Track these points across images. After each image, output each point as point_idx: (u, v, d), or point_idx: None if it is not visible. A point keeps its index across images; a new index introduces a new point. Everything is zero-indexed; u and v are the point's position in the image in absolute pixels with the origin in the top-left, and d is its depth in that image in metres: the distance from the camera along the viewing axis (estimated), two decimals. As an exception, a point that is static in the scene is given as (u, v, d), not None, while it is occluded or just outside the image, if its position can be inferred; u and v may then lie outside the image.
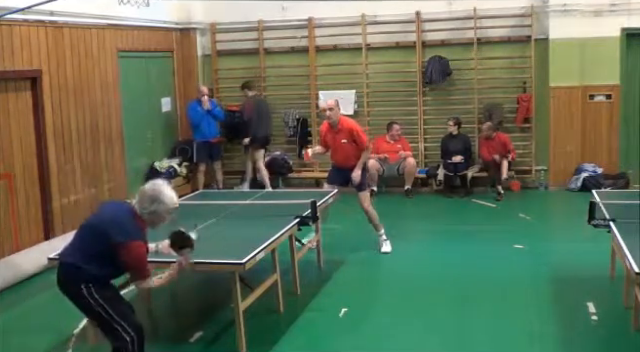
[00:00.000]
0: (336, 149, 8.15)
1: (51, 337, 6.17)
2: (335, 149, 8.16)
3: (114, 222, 4.50)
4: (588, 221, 6.27)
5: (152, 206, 4.54)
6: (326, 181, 8.44)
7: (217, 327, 6.14)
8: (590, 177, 11.03)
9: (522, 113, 11.42)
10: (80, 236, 4.64)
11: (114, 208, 4.76)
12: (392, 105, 12.05)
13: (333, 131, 8.10)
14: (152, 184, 4.66)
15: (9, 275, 7.57)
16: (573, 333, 5.84)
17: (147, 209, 4.54)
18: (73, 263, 4.52)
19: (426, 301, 6.70)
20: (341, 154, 8.12)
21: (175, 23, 12.00)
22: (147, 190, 4.59)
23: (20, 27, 8.22)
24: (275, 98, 12.46)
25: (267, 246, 5.84)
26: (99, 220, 4.62)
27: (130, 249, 4.44)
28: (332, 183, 8.26)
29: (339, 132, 8.06)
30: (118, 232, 4.44)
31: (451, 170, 11.29)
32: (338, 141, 8.08)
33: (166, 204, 4.58)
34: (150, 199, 4.55)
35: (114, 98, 10.12)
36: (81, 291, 4.51)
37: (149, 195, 4.56)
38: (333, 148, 8.18)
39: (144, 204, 4.55)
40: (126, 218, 4.54)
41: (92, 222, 4.65)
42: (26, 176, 8.38)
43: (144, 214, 4.56)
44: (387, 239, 8.33)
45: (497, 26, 11.45)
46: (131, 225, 4.52)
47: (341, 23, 11.92)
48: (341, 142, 8.05)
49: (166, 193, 4.60)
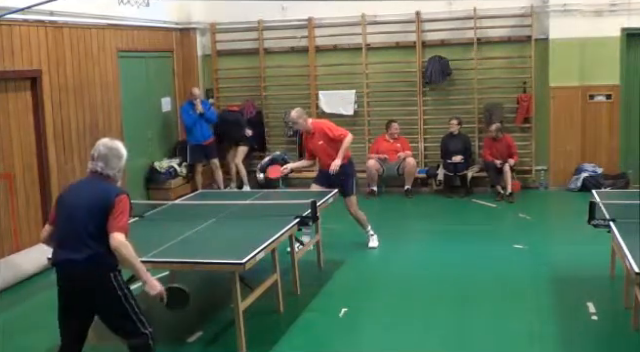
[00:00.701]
0: (318, 153, 8.25)
1: (51, 337, 6.14)
2: (318, 153, 8.26)
3: (100, 191, 4.44)
4: (588, 221, 6.27)
5: (120, 162, 4.56)
6: (313, 181, 8.47)
7: (217, 327, 6.14)
8: (590, 177, 11.03)
9: (522, 113, 11.42)
10: (78, 227, 4.39)
11: (86, 183, 4.63)
12: (392, 105, 12.05)
13: (310, 137, 8.24)
14: (107, 144, 4.57)
15: (9, 275, 7.57)
16: (573, 333, 5.84)
17: (117, 167, 4.54)
18: (92, 254, 4.34)
19: (426, 301, 6.70)
20: (323, 155, 8.19)
21: (175, 23, 12.01)
22: (109, 149, 4.52)
23: (20, 27, 8.23)
24: (275, 98, 12.48)
25: (267, 246, 5.84)
26: (85, 198, 4.44)
27: (121, 202, 4.39)
28: (319, 184, 8.28)
29: (314, 135, 8.17)
30: (109, 193, 4.41)
31: (451, 170, 11.29)
32: (317, 144, 8.18)
33: (124, 157, 4.60)
34: (118, 157, 4.55)
35: (114, 98, 10.13)
36: (110, 281, 4.38)
37: (115, 154, 4.54)
38: (316, 152, 8.28)
39: (114, 164, 4.52)
40: (104, 183, 4.50)
41: (79, 204, 4.44)
42: (26, 176, 8.38)
43: (116, 174, 4.55)
44: (374, 234, 8.44)
45: (497, 26, 11.45)
46: (112, 185, 4.52)
47: (341, 23, 11.92)
48: (319, 144, 8.15)
49: (120, 145, 4.60)
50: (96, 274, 4.38)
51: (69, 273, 4.43)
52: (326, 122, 8.43)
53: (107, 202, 4.38)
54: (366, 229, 8.42)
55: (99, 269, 4.37)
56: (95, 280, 4.39)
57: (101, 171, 4.51)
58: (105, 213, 4.36)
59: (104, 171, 4.51)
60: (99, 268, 4.37)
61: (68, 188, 4.75)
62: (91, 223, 4.37)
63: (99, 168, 4.51)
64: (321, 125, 8.26)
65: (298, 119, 8.20)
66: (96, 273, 4.38)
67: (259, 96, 12.41)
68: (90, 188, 4.52)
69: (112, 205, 4.37)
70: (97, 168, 4.52)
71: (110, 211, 4.36)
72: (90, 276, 4.38)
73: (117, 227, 4.34)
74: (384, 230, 8.73)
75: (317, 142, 8.17)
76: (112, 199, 4.38)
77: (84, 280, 4.39)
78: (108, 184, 4.51)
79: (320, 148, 8.18)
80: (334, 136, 8.08)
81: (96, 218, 4.37)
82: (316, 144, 8.18)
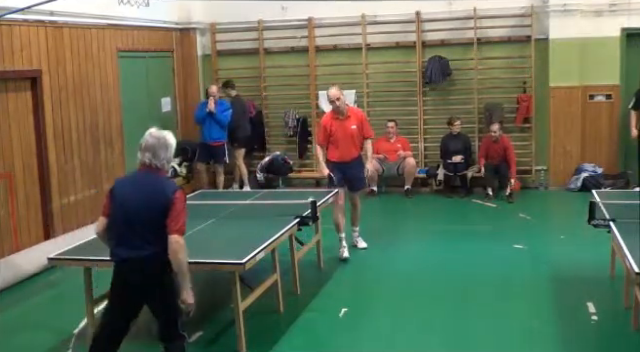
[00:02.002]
0: (344, 139, 7.85)
1: (51, 337, 6.18)
2: (342, 139, 7.85)
3: (156, 187, 4.41)
4: (588, 221, 6.28)
5: (167, 153, 4.49)
6: (334, 184, 7.92)
7: (217, 327, 6.14)
8: (590, 177, 11.03)
9: (522, 113, 11.42)
10: (135, 224, 4.38)
11: (141, 178, 4.54)
12: (392, 105, 12.05)
13: (339, 120, 7.86)
14: (155, 133, 4.54)
15: (9, 275, 7.57)
16: (573, 333, 5.84)
17: (165, 158, 4.49)
18: (151, 253, 4.36)
19: (426, 301, 6.70)
20: (347, 144, 7.87)
21: (175, 23, 12.01)
22: (157, 139, 4.47)
23: (20, 27, 8.22)
24: (275, 98, 12.48)
25: (267, 246, 5.84)
26: (142, 196, 4.41)
27: (179, 199, 4.39)
28: (342, 185, 7.97)
29: (347, 119, 7.86)
30: (165, 190, 4.39)
31: (451, 170, 11.29)
32: (348, 128, 7.84)
33: (173, 146, 4.54)
34: (165, 146, 4.48)
35: (114, 98, 10.12)
36: (167, 279, 4.42)
37: (162, 143, 4.47)
38: (339, 138, 7.86)
39: (162, 154, 4.46)
40: (160, 179, 4.48)
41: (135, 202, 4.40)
42: (26, 176, 8.38)
43: (165, 165, 4.49)
44: (359, 236, 8.39)
45: (497, 26, 11.45)
46: (166, 180, 4.51)
47: (341, 23, 11.92)
48: (351, 129, 7.85)
49: (169, 135, 4.55)
50: (154, 272, 4.41)
51: (128, 270, 4.45)
52: (362, 111, 8.33)
53: (165, 200, 4.36)
54: (356, 227, 8.35)
55: (157, 267, 4.40)
56: (152, 277, 4.42)
57: (149, 163, 4.46)
58: (164, 211, 4.34)
59: (152, 162, 4.45)
60: (157, 266, 4.40)
61: (121, 182, 4.68)
62: (150, 221, 4.37)
63: (147, 159, 4.46)
64: (358, 112, 8.13)
65: (341, 96, 7.83)
66: (154, 271, 4.41)
67: (259, 96, 12.41)
68: (146, 184, 4.47)
69: (171, 203, 4.35)
70: (145, 160, 4.46)
71: (168, 209, 4.34)
72: (148, 273, 4.42)
73: (176, 229, 4.34)
74: (384, 230, 8.74)
75: (349, 126, 7.83)
76: (170, 196, 4.37)
77: (142, 277, 4.43)
78: (163, 179, 4.49)
79: (350, 133, 7.84)
80: (366, 128, 8.00)
81: (155, 216, 4.36)
82: (347, 128, 7.82)
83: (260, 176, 12.03)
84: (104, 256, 5.78)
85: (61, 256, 5.95)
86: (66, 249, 6.10)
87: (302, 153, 12.39)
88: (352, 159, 7.97)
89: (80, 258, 5.87)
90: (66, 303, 7.01)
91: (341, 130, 7.86)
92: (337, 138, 7.89)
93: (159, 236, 4.35)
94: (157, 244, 4.36)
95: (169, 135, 4.56)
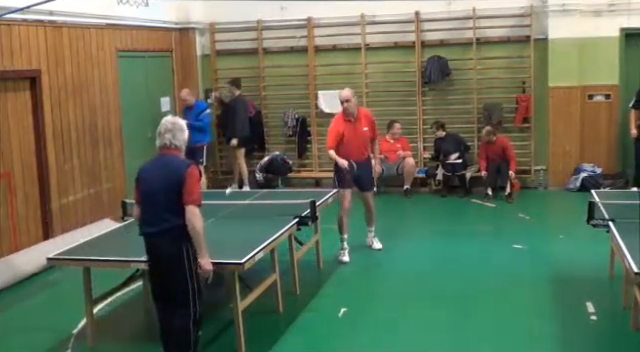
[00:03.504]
0: (355, 140, 7.76)
1: (50, 337, 6.17)
2: (353, 141, 7.75)
3: (173, 165, 4.85)
4: (587, 221, 6.28)
5: (184, 135, 4.97)
6: (341, 186, 7.84)
7: (216, 327, 6.13)
8: (589, 177, 11.04)
9: (521, 113, 11.42)
10: (154, 202, 4.84)
11: (160, 162, 4.97)
12: (391, 105, 12.05)
13: (351, 122, 7.77)
14: (170, 119, 5.02)
15: (8, 275, 7.57)
16: (572, 333, 5.84)
17: (183, 139, 4.95)
18: (167, 228, 4.79)
19: (425, 301, 6.70)
20: (358, 146, 7.81)
21: (174, 23, 12.01)
22: (173, 123, 4.96)
23: (19, 27, 8.22)
24: (274, 98, 12.48)
25: (266, 246, 5.84)
26: (160, 175, 4.86)
27: (192, 172, 4.82)
28: (350, 186, 7.89)
29: (358, 121, 7.80)
30: (180, 167, 4.81)
31: (449, 170, 11.29)
32: (360, 130, 7.79)
33: (186, 131, 5.03)
34: (181, 129, 4.96)
35: (113, 98, 10.12)
36: (181, 252, 4.80)
37: (179, 126, 4.96)
38: (350, 140, 7.75)
39: (182, 137, 4.94)
40: (176, 158, 4.91)
41: (154, 181, 4.87)
42: (25, 176, 8.38)
43: (181, 146, 4.95)
44: (375, 236, 8.39)
45: (496, 26, 11.45)
46: (179, 158, 4.94)
47: (340, 23, 11.92)
48: (363, 130, 7.81)
49: (183, 121, 5.07)
50: (167, 245, 4.83)
51: (148, 244, 4.94)
52: (369, 110, 8.31)
53: (180, 177, 4.78)
54: (371, 227, 8.35)
55: (171, 240, 4.81)
56: (166, 250, 4.84)
57: (169, 143, 4.91)
58: (178, 187, 4.77)
59: (172, 143, 4.92)
60: (171, 239, 4.81)
61: (143, 168, 5.10)
62: (166, 198, 4.80)
63: (167, 140, 4.92)
64: (369, 113, 8.07)
65: (352, 97, 7.74)
66: (168, 244, 4.83)
67: (258, 96, 12.41)
68: (162, 165, 4.93)
69: (184, 178, 4.77)
70: (165, 141, 4.92)
71: (183, 184, 4.76)
72: (162, 246, 4.85)
73: (191, 200, 4.77)
74: (383, 230, 8.73)
75: (361, 127, 7.79)
76: (183, 173, 4.79)
77: (157, 250, 4.89)
78: (177, 158, 4.92)
79: (362, 135, 7.79)
80: (374, 129, 8.03)
81: (171, 193, 4.78)
82: (359, 129, 7.77)
83: (259, 176, 12.03)
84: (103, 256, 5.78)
85: (60, 256, 5.95)
86: (65, 249, 6.10)
87: (301, 153, 12.39)
88: (362, 160, 7.93)
89: (79, 258, 5.87)
90: (65, 303, 7.00)
91: (352, 132, 7.78)
92: (348, 140, 7.77)
93: (175, 212, 4.77)
94: (173, 220, 4.78)
95: (183, 121, 5.07)
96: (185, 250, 4.83)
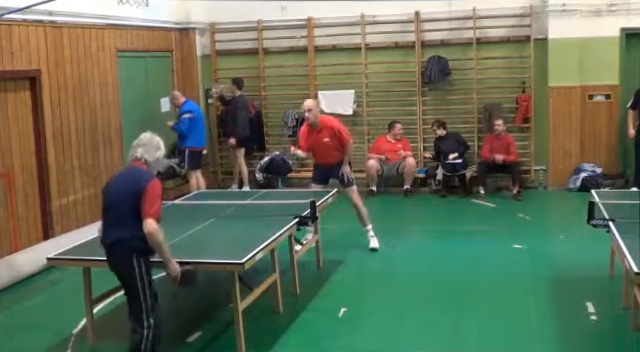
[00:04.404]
0: (319, 149, 8.09)
1: (50, 337, 6.17)
2: (318, 149, 8.10)
3: (135, 177, 4.82)
4: (587, 221, 6.27)
5: (157, 152, 4.96)
6: (312, 181, 8.42)
7: (216, 327, 6.14)
8: (589, 177, 11.03)
9: (521, 113, 11.42)
10: (111, 211, 4.84)
11: (125, 172, 5.00)
12: (391, 105, 12.05)
13: (314, 131, 8.03)
14: (148, 135, 5.02)
15: (8, 275, 7.57)
16: (572, 333, 5.84)
17: (154, 156, 4.93)
18: (118, 237, 4.76)
19: (425, 301, 6.70)
20: (324, 153, 8.09)
21: (174, 23, 12.00)
22: (150, 140, 4.96)
23: (19, 27, 8.22)
24: (274, 98, 12.48)
25: (266, 246, 5.84)
26: (120, 185, 4.87)
27: (153, 187, 4.76)
28: (318, 183, 8.26)
29: (321, 131, 8.00)
30: (141, 180, 4.77)
31: (449, 170, 11.30)
32: (320, 140, 8.02)
33: (162, 151, 5.03)
34: (156, 147, 4.96)
35: (113, 98, 10.12)
36: (131, 263, 4.76)
37: (154, 144, 4.96)
38: (315, 148, 8.11)
39: (153, 152, 4.93)
40: (139, 169, 4.88)
41: (116, 193, 4.85)
42: (25, 176, 8.38)
43: (152, 162, 4.92)
44: (374, 236, 8.34)
45: (496, 26, 11.45)
46: (146, 171, 4.88)
47: (340, 23, 11.92)
48: (323, 141, 8.00)
49: (161, 142, 5.05)
50: (119, 255, 4.81)
51: (105, 254, 4.93)
52: (334, 120, 8.24)
53: (139, 188, 4.74)
54: (366, 227, 8.31)
55: (121, 250, 4.79)
56: (117, 260, 4.83)
57: (140, 156, 4.90)
58: (137, 198, 4.72)
59: (143, 156, 4.90)
60: (122, 249, 4.78)
61: (110, 179, 5.14)
62: (124, 208, 4.77)
63: (139, 153, 4.91)
64: (330, 123, 8.08)
65: (315, 108, 8.01)
66: (119, 254, 4.81)
67: (258, 96, 12.41)
68: (127, 176, 4.93)
69: (143, 191, 4.72)
70: (137, 153, 4.92)
71: (142, 197, 4.71)
72: (114, 256, 4.85)
73: (150, 213, 4.71)
74: (383, 230, 8.72)
75: (322, 139, 8.00)
76: (143, 185, 4.74)
77: (111, 260, 4.89)
78: (142, 171, 4.88)
79: (324, 145, 8.02)
80: (341, 137, 8.01)
81: (128, 204, 4.75)
82: (320, 140, 8.01)
83: (259, 176, 12.03)
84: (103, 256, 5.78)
85: (60, 256, 5.94)
86: (65, 249, 6.09)
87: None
88: (334, 163, 8.09)
89: (79, 258, 5.86)
90: (65, 303, 7.00)
91: (315, 142, 8.06)
92: (314, 148, 8.14)
93: (130, 222, 4.73)
94: (126, 230, 4.75)
95: (161, 141, 5.06)
96: (137, 263, 4.77)
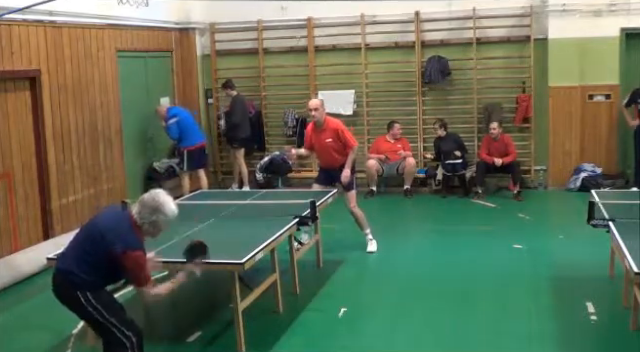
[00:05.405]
0: (321, 149, 8.07)
1: (50, 337, 6.17)
2: (320, 149, 8.08)
3: (112, 231, 4.41)
4: (587, 221, 6.27)
5: (152, 216, 4.47)
6: (315, 181, 8.41)
7: (216, 327, 6.14)
8: (589, 177, 11.03)
9: (521, 113, 11.42)
10: (77, 242, 4.57)
11: (112, 216, 4.64)
12: (391, 105, 12.05)
13: (318, 131, 8.01)
14: (153, 194, 4.56)
15: (8, 275, 7.57)
16: (572, 333, 5.84)
17: (147, 219, 4.46)
18: (69, 270, 4.45)
19: (425, 301, 6.71)
20: (326, 154, 8.05)
21: (174, 23, 12.00)
22: (148, 200, 4.50)
23: (19, 27, 8.22)
24: (274, 98, 12.49)
25: (266, 246, 5.84)
26: (97, 228, 4.50)
27: (130, 259, 4.35)
28: (321, 183, 8.22)
29: (324, 131, 7.98)
30: (117, 241, 4.35)
31: (449, 170, 11.30)
32: (323, 141, 7.99)
33: (167, 215, 4.50)
34: (151, 210, 4.47)
35: (113, 98, 10.12)
36: (77, 298, 4.44)
37: (150, 206, 4.47)
38: (318, 148, 8.09)
39: (144, 214, 4.46)
40: (125, 227, 4.45)
41: (90, 229, 4.55)
42: (25, 176, 8.38)
43: (144, 224, 4.48)
44: (373, 239, 8.31)
45: (496, 26, 11.45)
46: (130, 235, 4.43)
47: (340, 23, 11.92)
48: (326, 141, 7.97)
49: (167, 204, 4.51)
50: (64, 290, 4.52)
51: (53, 281, 4.61)
52: (340, 123, 8.16)
53: (109, 251, 4.37)
54: (365, 231, 8.30)
55: (67, 287, 4.48)
56: (63, 293, 4.54)
57: (134, 213, 4.50)
58: (98, 253, 4.40)
59: (135, 216, 4.49)
60: (68, 284, 4.47)
61: (108, 208, 4.94)
62: (83, 248, 4.48)
63: (134, 212, 4.51)
64: (335, 125, 8.02)
65: (320, 107, 7.93)
66: (64, 290, 4.51)
67: (258, 96, 12.42)
68: (108, 221, 4.54)
69: (115, 257, 4.35)
70: (133, 210, 4.53)
71: (113, 261, 4.37)
72: (61, 290, 4.55)
73: (141, 284, 4.46)
74: (383, 230, 8.73)
75: (324, 139, 7.96)
76: (115, 251, 4.35)
77: (57, 292, 4.58)
78: (128, 231, 4.43)
79: (326, 145, 7.99)
80: (344, 140, 7.96)
81: (90, 249, 4.44)
82: (322, 141, 7.98)
83: (259, 176, 12.03)
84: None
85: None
86: (65, 249, 6.09)
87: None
88: (337, 166, 8.04)
89: (79, 258, 5.85)
90: (65, 303, 6.99)
91: (318, 141, 8.04)
92: (317, 148, 8.12)
93: (87, 270, 4.42)
94: (77, 267, 4.43)
95: (168, 205, 4.52)
96: (82, 296, 4.43)
